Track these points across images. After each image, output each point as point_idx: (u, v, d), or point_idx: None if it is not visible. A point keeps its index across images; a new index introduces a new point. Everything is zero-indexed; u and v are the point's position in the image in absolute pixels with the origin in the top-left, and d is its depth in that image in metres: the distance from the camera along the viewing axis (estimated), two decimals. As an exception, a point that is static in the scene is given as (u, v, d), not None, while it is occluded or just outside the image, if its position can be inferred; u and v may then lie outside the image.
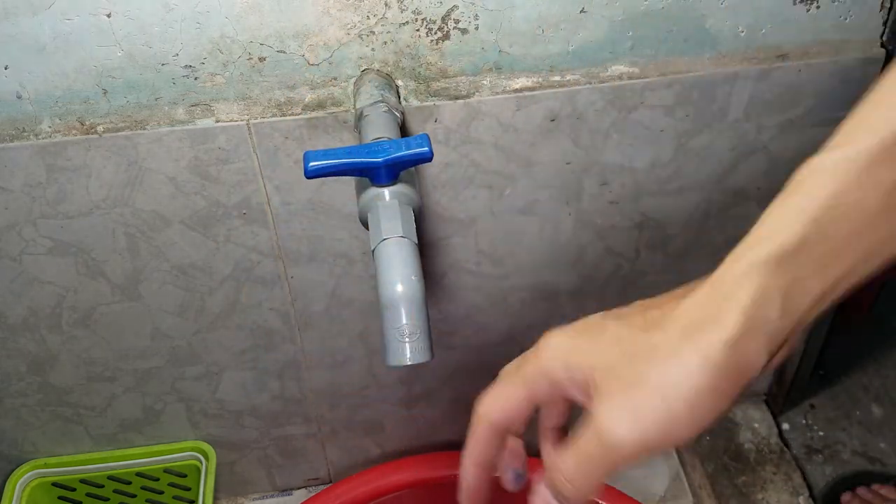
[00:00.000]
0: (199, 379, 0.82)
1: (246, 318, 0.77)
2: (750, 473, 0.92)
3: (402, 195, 0.51)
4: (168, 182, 0.65)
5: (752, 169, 0.73)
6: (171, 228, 0.69)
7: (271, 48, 0.60)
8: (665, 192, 0.73)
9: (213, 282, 0.73)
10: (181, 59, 0.60)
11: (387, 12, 0.59)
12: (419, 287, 0.46)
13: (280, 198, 0.68)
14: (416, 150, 0.50)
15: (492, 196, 0.71)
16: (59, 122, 0.62)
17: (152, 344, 0.78)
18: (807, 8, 0.64)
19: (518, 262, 0.77)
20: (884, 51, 0.67)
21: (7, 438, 0.85)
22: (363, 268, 0.74)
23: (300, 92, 0.63)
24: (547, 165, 0.69)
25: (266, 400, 0.86)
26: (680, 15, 0.63)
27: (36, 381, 0.80)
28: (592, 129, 0.67)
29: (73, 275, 0.71)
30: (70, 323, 0.75)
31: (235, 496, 0.98)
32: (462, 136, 0.66)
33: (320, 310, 0.78)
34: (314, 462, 0.95)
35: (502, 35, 0.62)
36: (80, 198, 0.65)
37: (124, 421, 0.86)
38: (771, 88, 0.67)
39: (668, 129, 0.68)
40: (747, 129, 0.70)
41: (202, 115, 0.63)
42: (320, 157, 0.50)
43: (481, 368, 0.87)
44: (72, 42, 0.58)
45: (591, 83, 0.65)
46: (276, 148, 0.64)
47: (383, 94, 0.59)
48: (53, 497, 0.89)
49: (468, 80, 0.64)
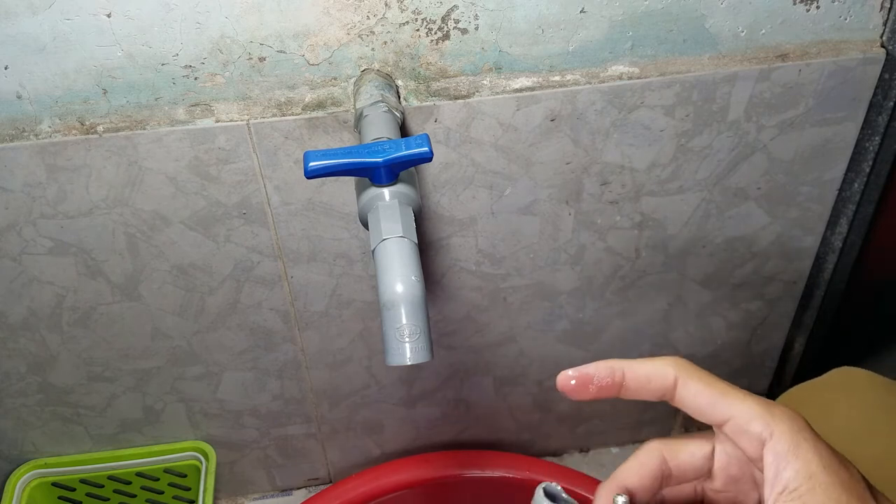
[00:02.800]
0: (199, 379, 0.82)
1: (246, 318, 0.77)
2: (750, 473, 0.92)
3: (402, 195, 0.51)
4: (168, 182, 0.65)
5: (752, 169, 0.73)
6: (171, 228, 0.69)
7: (271, 48, 0.60)
8: (665, 192, 0.73)
9: (213, 282, 0.73)
10: (181, 59, 0.60)
11: (387, 12, 0.59)
12: (419, 287, 0.46)
13: (280, 198, 0.68)
14: (416, 150, 0.50)
15: (492, 196, 0.71)
16: (59, 122, 0.62)
17: (152, 344, 0.78)
18: (807, 8, 0.64)
19: (518, 262, 0.77)
20: (884, 51, 0.67)
21: (7, 438, 0.85)
22: (363, 268, 0.74)
23: (300, 92, 0.63)
24: (547, 165, 0.69)
25: (266, 400, 0.86)
26: (680, 15, 0.63)
27: (36, 381, 0.80)
28: (592, 129, 0.67)
29: (73, 275, 0.71)
30: (70, 323, 0.75)
31: (235, 496, 0.97)
32: (462, 136, 0.66)
33: (320, 310, 0.78)
34: (314, 462, 0.95)
35: (502, 35, 0.62)
36: (80, 198, 0.65)
37: (124, 421, 0.86)
38: (771, 88, 0.67)
39: (668, 129, 0.68)
40: (747, 129, 0.70)
41: (202, 115, 0.63)
42: (320, 157, 0.50)
43: (481, 368, 0.87)
44: (72, 42, 0.58)
45: (591, 83, 0.65)
46: (276, 148, 0.64)
47: (383, 94, 0.59)
48: (53, 497, 0.89)
49: (468, 80, 0.64)
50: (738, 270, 0.82)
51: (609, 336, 0.87)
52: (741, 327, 0.89)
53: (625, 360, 0.38)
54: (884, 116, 0.70)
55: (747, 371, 0.95)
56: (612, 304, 0.83)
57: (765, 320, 0.89)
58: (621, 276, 0.80)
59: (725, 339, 0.90)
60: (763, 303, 0.87)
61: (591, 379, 0.37)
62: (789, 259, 0.82)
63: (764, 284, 0.84)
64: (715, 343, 0.90)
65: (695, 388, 0.35)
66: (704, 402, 0.35)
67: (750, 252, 0.81)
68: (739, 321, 0.88)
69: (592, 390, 0.37)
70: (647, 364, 0.37)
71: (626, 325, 0.86)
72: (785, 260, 0.82)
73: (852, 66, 0.67)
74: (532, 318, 0.83)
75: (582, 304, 0.82)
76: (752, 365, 0.94)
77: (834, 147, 0.73)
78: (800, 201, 0.77)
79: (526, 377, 0.89)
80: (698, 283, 0.83)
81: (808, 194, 0.76)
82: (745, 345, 0.91)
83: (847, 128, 0.71)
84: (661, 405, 1.04)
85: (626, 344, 0.88)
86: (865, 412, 0.52)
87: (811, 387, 0.58)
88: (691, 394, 0.35)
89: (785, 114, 0.69)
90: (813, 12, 0.65)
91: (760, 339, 0.91)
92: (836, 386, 0.56)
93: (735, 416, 0.34)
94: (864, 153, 0.73)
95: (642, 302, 0.83)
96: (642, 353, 0.90)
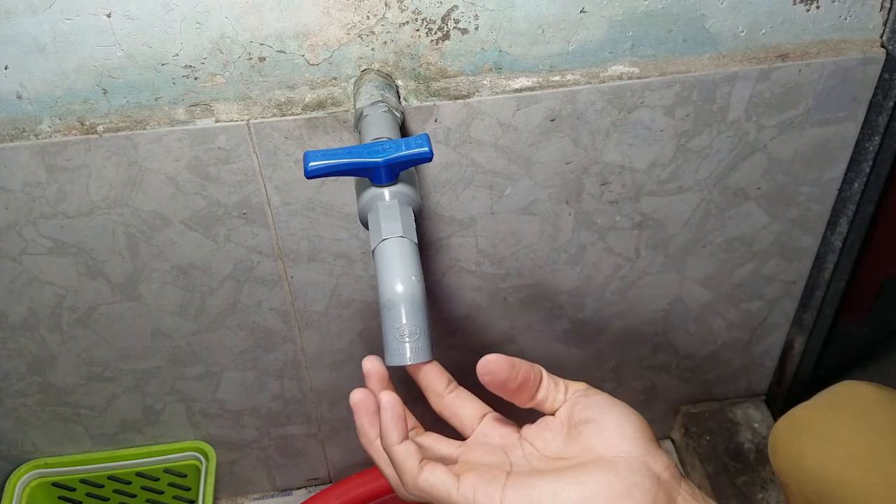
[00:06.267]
0: (199, 379, 0.82)
1: (246, 318, 0.77)
2: (750, 473, 0.92)
3: (402, 195, 0.51)
4: (168, 182, 0.65)
5: (752, 169, 0.73)
6: (171, 228, 0.69)
7: (271, 48, 0.60)
8: (665, 192, 0.73)
9: (213, 282, 0.73)
10: (181, 59, 0.60)
11: (387, 12, 0.59)
12: (419, 287, 0.46)
13: (280, 198, 0.68)
14: (416, 150, 0.50)
15: (492, 196, 0.71)
16: (59, 122, 0.62)
17: (152, 344, 0.78)
18: (807, 8, 0.64)
19: (518, 262, 0.77)
20: (884, 51, 0.67)
21: (7, 438, 0.85)
22: (363, 268, 0.74)
23: (300, 92, 0.63)
24: (547, 165, 0.69)
25: (266, 400, 0.86)
26: (680, 15, 0.63)
27: (36, 381, 0.80)
28: (592, 129, 0.67)
29: (73, 275, 0.71)
30: (70, 323, 0.75)
31: (235, 496, 0.98)
32: (462, 136, 0.66)
33: (320, 310, 0.78)
34: (314, 462, 0.95)
35: (502, 35, 0.62)
36: (80, 198, 0.65)
37: (124, 421, 0.86)
38: (771, 88, 0.67)
39: (668, 129, 0.68)
40: (747, 129, 0.70)
41: (202, 115, 0.63)
42: (320, 157, 0.50)
43: (481, 368, 0.87)
44: (72, 42, 0.58)
45: (590, 83, 0.65)
46: (276, 148, 0.64)
47: (383, 94, 0.59)
48: (53, 497, 0.89)
49: (468, 80, 0.64)
50: (738, 270, 0.82)
51: (609, 336, 0.87)
52: (741, 327, 0.89)
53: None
54: (884, 116, 0.70)
55: (747, 371, 0.95)
56: (612, 304, 0.83)
57: (765, 320, 0.89)
58: (621, 276, 0.80)
59: (725, 339, 0.90)
60: (763, 303, 0.87)
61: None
62: (789, 259, 0.82)
63: (764, 284, 0.84)
64: (715, 343, 0.90)
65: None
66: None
67: (750, 252, 0.81)
68: (739, 321, 0.88)
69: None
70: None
71: (626, 325, 0.86)
72: (785, 260, 0.82)
73: (852, 66, 0.67)
74: (532, 318, 0.83)
75: (582, 304, 0.82)
76: (752, 365, 0.94)
77: (834, 147, 0.73)
78: (800, 201, 0.77)
79: (526, 377, 0.89)
80: (698, 283, 0.83)
81: (808, 194, 0.76)
82: (745, 345, 0.91)
83: (847, 128, 0.71)
84: (660, 406, 1.04)
85: (626, 344, 0.88)
86: (871, 436, 0.51)
87: (814, 407, 0.56)
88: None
89: (785, 114, 0.69)
90: (813, 12, 0.65)
91: (760, 339, 0.91)
92: (840, 406, 0.54)
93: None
94: (864, 153, 0.73)
95: (642, 302, 0.83)
96: (642, 353, 0.90)
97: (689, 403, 0.98)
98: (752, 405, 0.99)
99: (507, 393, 0.41)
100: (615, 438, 0.38)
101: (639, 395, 0.96)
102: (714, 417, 0.97)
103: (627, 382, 0.93)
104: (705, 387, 0.96)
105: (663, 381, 0.94)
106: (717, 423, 0.97)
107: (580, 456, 0.38)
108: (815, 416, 0.55)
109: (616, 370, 0.91)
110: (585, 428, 0.39)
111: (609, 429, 0.38)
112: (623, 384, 0.93)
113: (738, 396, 0.99)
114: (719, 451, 0.94)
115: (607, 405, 0.40)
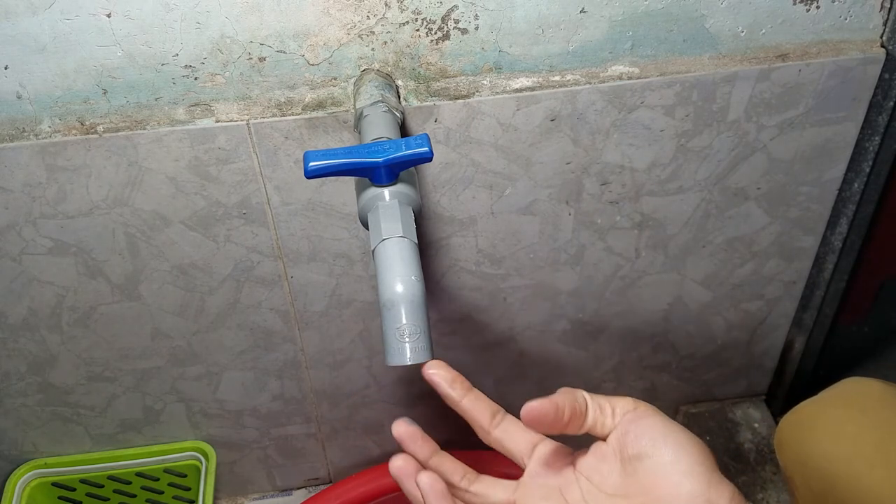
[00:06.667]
0: (199, 379, 0.82)
1: (246, 318, 0.77)
2: (750, 473, 0.92)
3: (402, 195, 0.51)
4: (168, 182, 0.65)
5: (752, 169, 0.73)
6: (171, 228, 0.69)
7: (271, 48, 0.60)
8: (665, 192, 0.73)
9: (213, 282, 0.73)
10: (181, 59, 0.60)
11: (387, 12, 0.59)
12: (419, 287, 0.46)
13: (280, 198, 0.68)
14: (416, 150, 0.50)
15: (492, 196, 0.71)
16: (59, 122, 0.62)
17: (152, 344, 0.78)
18: (807, 8, 0.64)
19: (518, 262, 0.77)
20: (884, 51, 0.67)
21: (7, 438, 0.85)
22: (363, 268, 0.75)
23: (300, 92, 0.63)
24: (547, 165, 0.69)
25: (266, 400, 0.86)
26: (680, 15, 0.63)
27: (36, 381, 0.80)
28: (592, 129, 0.67)
29: (73, 275, 0.71)
30: (70, 323, 0.75)
31: (235, 496, 0.98)
32: (462, 136, 0.66)
33: (320, 310, 0.78)
34: (314, 462, 0.95)
35: (502, 35, 0.62)
36: (80, 198, 0.65)
37: (124, 421, 0.86)
38: (771, 88, 0.67)
39: (668, 129, 0.68)
40: (747, 129, 0.70)
41: (202, 115, 0.63)
42: (320, 157, 0.50)
43: (481, 368, 0.87)
44: (72, 42, 0.58)
45: (591, 83, 0.65)
46: (276, 148, 0.64)
47: (383, 94, 0.59)
48: (53, 497, 0.89)
49: (468, 80, 0.64)
50: (738, 270, 0.82)
51: (609, 336, 0.87)
52: (741, 327, 0.89)
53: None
54: (884, 116, 0.70)
55: (747, 371, 0.95)
56: (612, 304, 0.83)
57: (765, 320, 0.89)
58: (621, 276, 0.80)
59: (725, 339, 0.90)
60: (763, 303, 0.87)
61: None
62: (789, 259, 0.82)
63: (764, 284, 0.84)
64: (715, 343, 0.90)
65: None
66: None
67: (750, 252, 0.81)
68: (739, 321, 0.88)
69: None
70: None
71: (626, 325, 0.86)
72: (785, 260, 0.82)
73: (852, 66, 0.67)
74: (532, 318, 0.83)
75: (582, 304, 0.82)
76: (752, 365, 0.94)
77: (834, 147, 0.73)
78: (800, 201, 0.77)
79: (526, 377, 0.89)
80: (698, 283, 0.83)
81: (808, 194, 0.76)
82: (745, 345, 0.91)
83: (847, 128, 0.71)
84: (660, 406, 1.04)
85: (626, 344, 0.88)
86: (878, 432, 0.50)
87: (821, 402, 0.56)
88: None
89: (785, 114, 0.69)
90: (813, 12, 0.65)
91: (760, 339, 0.91)
92: (847, 402, 0.54)
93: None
94: (864, 153, 0.73)
95: (642, 302, 0.83)
96: (642, 353, 0.90)
97: (689, 403, 0.98)
98: (752, 405, 0.99)
99: (558, 430, 0.40)
100: (675, 477, 0.37)
101: (639, 396, 0.95)
102: (714, 417, 0.97)
103: (627, 382, 0.93)
104: (705, 387, 0.96)
105: (663, 381, 0.94)
106: (717, 423, 0.97)
107: (640, 496, 0.37)
108: (821, 412, 0.55)
109: (616, 370, 0.91)
110: (641, 465, 0.38)
111: (666, 465, 0.37)
112: (623, 384, 0.93)
113: (738, 396, 0.99)
114: (719, 451, 0.94)
115: (660, 436, 0.39)
